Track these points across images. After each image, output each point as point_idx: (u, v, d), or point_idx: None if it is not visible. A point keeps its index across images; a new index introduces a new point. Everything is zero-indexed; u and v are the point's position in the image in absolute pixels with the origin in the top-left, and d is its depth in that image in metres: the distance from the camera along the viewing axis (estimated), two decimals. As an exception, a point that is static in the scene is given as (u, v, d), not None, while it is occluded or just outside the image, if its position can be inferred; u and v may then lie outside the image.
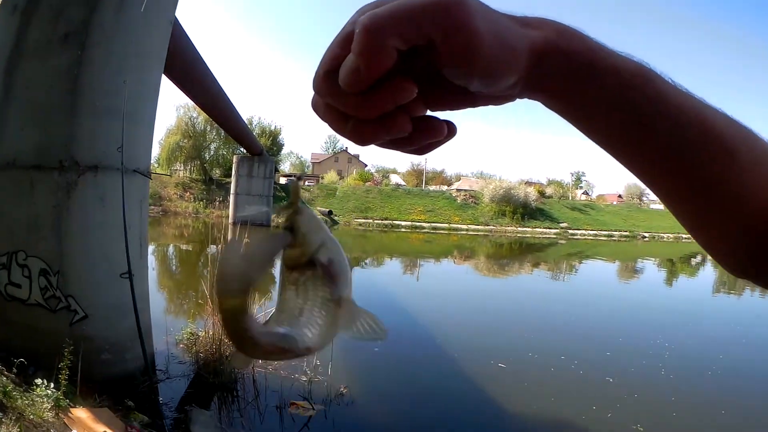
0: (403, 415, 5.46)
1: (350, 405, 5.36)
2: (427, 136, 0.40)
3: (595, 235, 50.22)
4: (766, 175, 0.43)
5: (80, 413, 3.40)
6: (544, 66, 0.39)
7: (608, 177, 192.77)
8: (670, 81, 0.42)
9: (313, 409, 5.10)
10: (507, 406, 5.77)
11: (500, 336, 9.04)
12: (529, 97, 0.43)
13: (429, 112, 0.41)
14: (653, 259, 31.52)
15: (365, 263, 21.66)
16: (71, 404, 3.46)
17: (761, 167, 0.43)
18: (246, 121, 31.49)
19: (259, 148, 34.21)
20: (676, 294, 17.50)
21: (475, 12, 0.33)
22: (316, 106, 0.39)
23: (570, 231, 49.92)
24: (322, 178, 58.28)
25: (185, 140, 45.53)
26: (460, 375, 6.71)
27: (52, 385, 3.33)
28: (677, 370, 7.47)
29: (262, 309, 6.92)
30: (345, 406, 5.33)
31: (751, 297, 15.33)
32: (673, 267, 27.30)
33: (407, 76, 0.35)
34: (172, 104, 54.91)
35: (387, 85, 0.34)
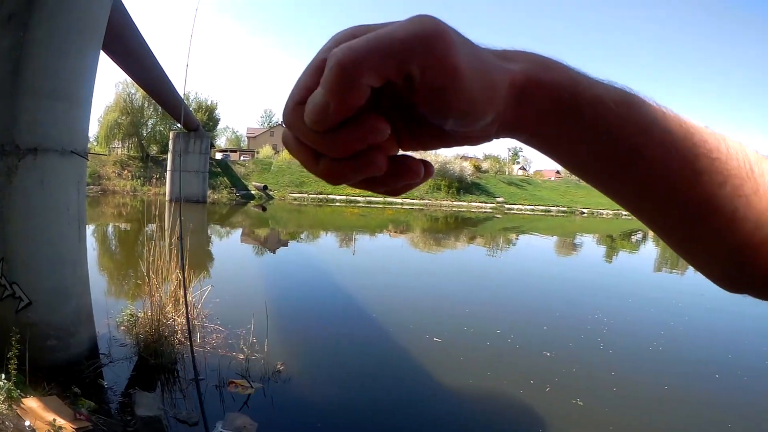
0: (341, 391, 5.54)
1: (288, 382, 5.39)
2: (403, 177, 0.38)
3: (532, 210, 51.54)
4: (754, 190, 0.41)
5: (31, 403, 3.35)
6: (524, 102, 0.38)
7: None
8: (654, 104, 0.41)
9: (252, 387, 5.12)
10: (443, 381, 5.77)
11: (435, 310, 8.97)
12: (508, 136, 0.42)
13: (401, 151, 0.40)
14: (592, 234, 32.07)
15: (301, 238, 21.60)
16: (22, 394, 3.40)
17: (751, 182, 0.42)
18: (182, 96, 30.47)
19: (195, 124, 33.24)
20: (616, 270, 17.52)
21: (457, 46, 0.32)
22: (286, 141, 0.36)
23: (506, 205, 51.02)
24: (258, 152, 57.16)
25: (123, 117, 43.62)
26: (395, 349, 6.71)
27: (2, 375, 3.26)
28: (616, 346, 7.50)
29: (199, 287, 6.93)
30: (282, 383, 5.35)
31: (693, 276, 14.84)
32: (613, 243, 27.60)
33: (379, 114, 0.33)
34: (110, 81, 52.44)
35: (358, 123, 0.33)
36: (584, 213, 53.55)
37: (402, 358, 6.43)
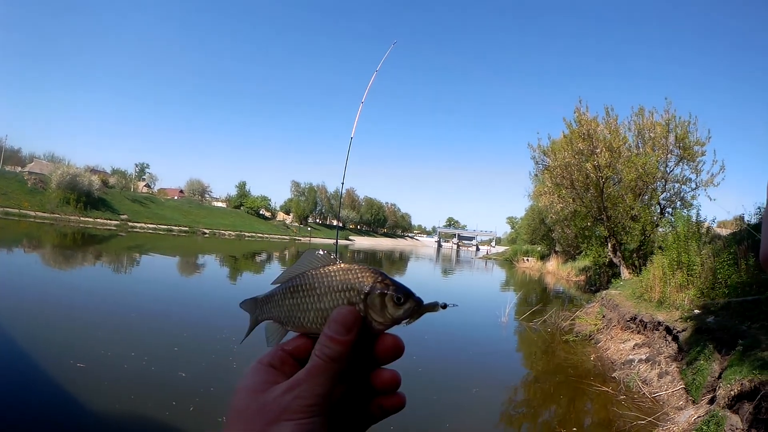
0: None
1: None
2: None
3: (155, 228, 53.84)
4: None
5: None
6: None
7: (171, 171, 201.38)
8: None
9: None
10: (92, 408, 5.70)
11: (74, 333, 8.73)
12: None
13: None
14: (216, 254, 34.05)
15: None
16: None
17: None
18: None
19: None
20: (241, 289, 18.07)
21: None
22: None
23: (130, 223, 52.37)
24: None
25: None
26: (40, 374, 6.48)
27: None
28: (247, 360, 8.59)
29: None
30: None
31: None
32: (237, 263, 29.34)
33: None
34: None
35: None
36: (206, 233, 57.26)
37: (48, 383, 6.25)
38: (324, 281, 0.58)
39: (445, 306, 0.56)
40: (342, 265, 0.59)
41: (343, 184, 3.93)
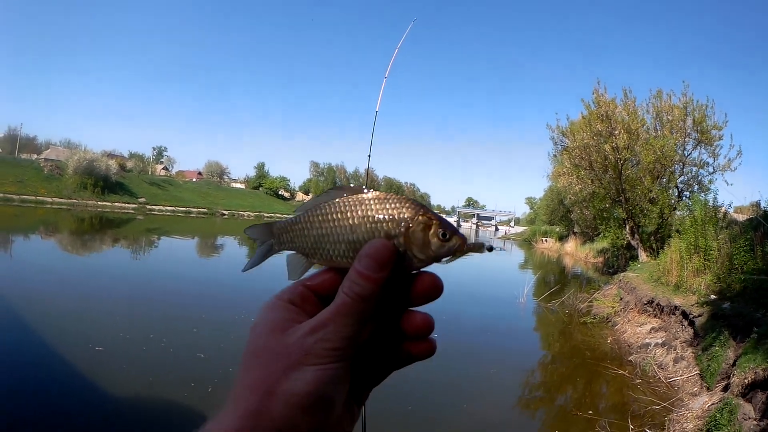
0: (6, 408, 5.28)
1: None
2: None
3: (173, 211, 54.16)
4: None
5: None
6: None
7: (189, 153, 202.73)
8: None
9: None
10: (111, 390, 5.71)
11: (93, 317, 8.71)
12: None
13: None
14: (234, 236, 33.03)
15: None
16: None
17: None
18: None
19: None
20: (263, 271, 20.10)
21: None
22: None
23: (148, 206, 52.68)
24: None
25: None
26: (59, 359, 6.45)
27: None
28: None
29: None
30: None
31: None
32: (255, 243, 30.21)
33: None
34: None
35: None
36: (225, 215, 57.68)
37: (67, 367, 6.26)
38: (358, 210, 0.53)
39: (491, 248, 0.53)
40: (377, 194, 0.54)
41: (369, 156, 3.87)
